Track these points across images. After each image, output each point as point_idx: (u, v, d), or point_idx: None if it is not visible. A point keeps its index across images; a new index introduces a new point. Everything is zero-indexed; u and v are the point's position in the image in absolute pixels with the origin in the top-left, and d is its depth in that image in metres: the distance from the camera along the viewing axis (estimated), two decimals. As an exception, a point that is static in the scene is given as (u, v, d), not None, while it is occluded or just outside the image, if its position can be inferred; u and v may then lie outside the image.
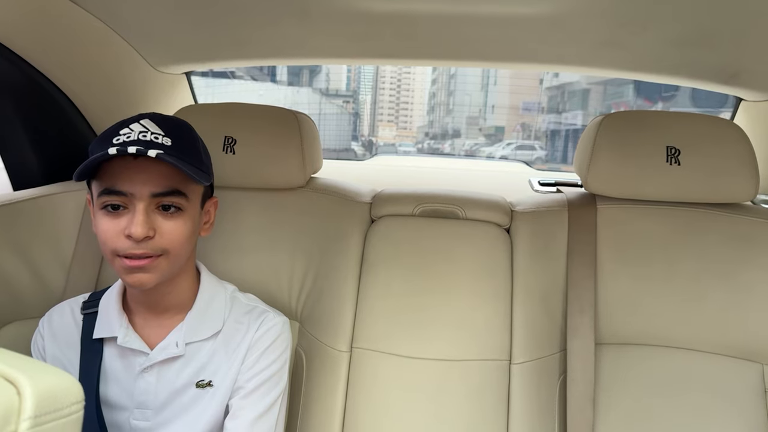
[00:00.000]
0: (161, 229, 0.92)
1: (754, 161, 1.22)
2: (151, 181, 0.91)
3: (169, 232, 0.93)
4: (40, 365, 0.43)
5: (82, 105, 1.46)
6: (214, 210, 1.09)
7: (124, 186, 0.90)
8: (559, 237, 1.27)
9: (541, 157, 16.40)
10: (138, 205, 0.90)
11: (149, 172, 0.91)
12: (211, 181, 1.02)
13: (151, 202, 0.91)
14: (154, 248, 0.92)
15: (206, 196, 1.05)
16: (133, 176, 0.90)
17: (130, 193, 0.90)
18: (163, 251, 0.93)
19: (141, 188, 0.90)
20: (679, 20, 1.18)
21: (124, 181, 0.90)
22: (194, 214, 0.99)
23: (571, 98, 19.72)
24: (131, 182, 0.90)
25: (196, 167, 0.95)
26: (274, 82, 12.12)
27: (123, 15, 1.29)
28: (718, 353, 1.20)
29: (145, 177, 0.91)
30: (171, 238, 0.93)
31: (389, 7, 1.22)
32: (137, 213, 0.90)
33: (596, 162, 1.25)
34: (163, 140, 0.92)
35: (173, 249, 0.94)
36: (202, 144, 1.03)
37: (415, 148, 23.90)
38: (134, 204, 0.90)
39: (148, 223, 0.90)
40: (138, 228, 0.89)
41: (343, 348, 1.21)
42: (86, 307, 1.07)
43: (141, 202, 0.90)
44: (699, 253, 1.22)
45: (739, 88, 1.51)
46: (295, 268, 1.29)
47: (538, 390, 1.19)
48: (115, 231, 0.91)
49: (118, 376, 1.02)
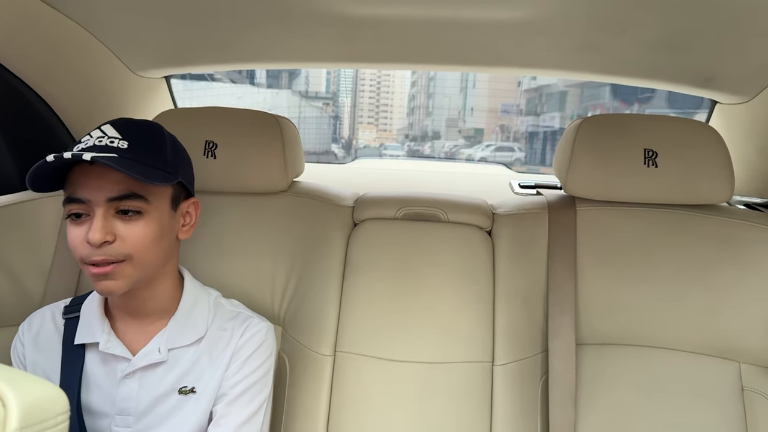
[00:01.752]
0: (121, 233, 0.92)
1: (729, 163, 1.24)
2: (105, 186, 0.90)
3: (129, 236, 0.92)
4: (25, 376, 0.43)
5: (61, 110, 1.45)
6: (195, 211, 1.08)
7: (82, 193, 0.90)
8: (539, 239, 1.28)
9: (520, 159, 16.50)
10: (97, 211, 0.90)
11: (104, 177, 0.90)
12: (177, 180, 0.99)
13: (109, 207, 0.91)
14: (116, 254, 0.91)
15: (179, 197, 1.03)
16: (89, 182, 0.90)
17: (87, 200, 0.90)
18: (126, 256, 0.92)
19: (97, 194, 0.90)
20: (655, 24, 1.20)
21: (81, 188, 0.90)
22: (160, 216, 0.97)
23: (549, 100, 19.87)
24: (88, 188, 0.90)
25: (157, 168, 0.94)
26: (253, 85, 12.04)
27: (102, 19, 1.28)
28: (697, 352, 1.22)
29: (100, 182, 0.90)
30: (132, 242, 0.92)
31: (370, 11, 1.22)
32: (95, 219, 0.90)
33: (575, 165, 1.27)
34: (119, 143, 0.92)
35: (136, 253, 0.93)
36: (171, 144, 1.01)
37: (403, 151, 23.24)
38: (93, 210, 0.90)
39: (105, 228, 0.89)
40: (95, 234, 0.88)
41: (326, 352, 1.21)
42: (68, 311, 1.06)
43: (98, 207, 0.90)
44: (676, 253, 1.24)
45: (714, 91, 1.54)
46: (278, 273, 1.29)
47: (521, 391, 1.20)
48: (79, 238, 0.91)
49: (100, 383, 1.01)
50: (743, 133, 1.55)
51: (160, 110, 1.46)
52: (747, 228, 1.25)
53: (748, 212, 1.32)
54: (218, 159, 1.28)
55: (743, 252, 1.23)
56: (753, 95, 1.43)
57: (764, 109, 1.43)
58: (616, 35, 1.28)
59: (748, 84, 1.40)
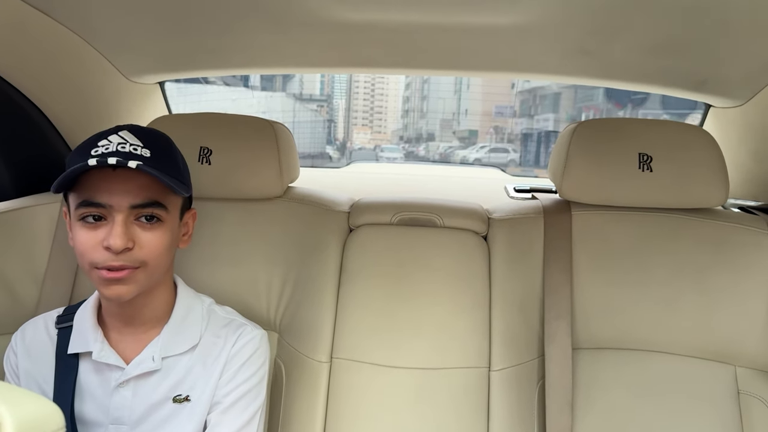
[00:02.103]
0: (140, 240, 0.92)
1: (723, 167, 1.25)
2: (130, 192, 0.90)
3: (147, 243, 0.92)
4: (20, 392, 0.42)
5: (54, 116, 1.44)
6: (193, 222, 1.09)
7: (102, 198, 0.89)
8: (535, 244, 1.29)
9: (514, 160, 16.55)
10: (117, 217, 0.89)
11: (128, 183, 0.90)
12: (191, 192, 1.02)
13: (130, 213, 0.91)
14: (133, 260, 0.91)
15: (185, 207, 1.04)
16: (112, 187, 0.90)
17: (108, 205, 0.90)
18: (142, 263, 0.92)
19: (120, 200, 0.90)
20: (649, 29, 1.20)
21: (102, 193, 0.89)
22: (173, 226, 0.98)
23: (543, 102, 19.94)
24: (110, 194, 0.89)
25: (176, 178, 0.95)
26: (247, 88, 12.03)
27: (95, 25, 1.27)
28: (692, 356, 1.22)
29: (125, 188, 0.90)
30: (149, 249, 0.93)
31: (364, 17, 1.22)
32: (116, 225, 0.89)
33: (570, 169, 1.27)
34: (142, 151, 0.92)
35: (151, 261, 0.93)
36: (180, 156, 1.03)
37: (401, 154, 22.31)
38: (113, 215, 0.90)
39: (127, 235, 0.89)
40: (117, 240, 0.88)
41: (323, 358, 1.21)
42: (61, 321, 1.05)
43: (120, 213, 0.90)
44: (672, 257, 1.25)
45: (708, 95, 1.54)
46: (273, 279, 1.28)
47: (518, 396, 1.20)
48: (93, 243, 0.90)
49: (94, 392, 1.00)
50: (737, 137, 1.55)
51: (154, 116, 1.46)
52: (742, 231, 1.25)
53: (742, 216, 1.32)
54: (213, 165, 1.27)
55: (738, 255, 1.24)
56: (746, 99, 1.43)
57: (758, 113, 1.43)
58: (610, 40, 1.28)
59: (742, 88, 1.41)
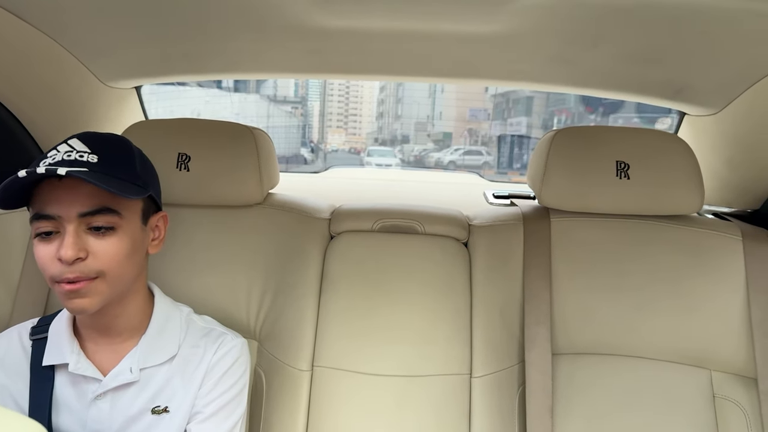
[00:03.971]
0: (94, 250, 0.89)
1: (699, 174, 1.27)
2: (77, 201, 0.88)
3: (103, 252, 0.90)
4: (5, 413, 0.41)
5: (28, 122, 1.41)
6: (164, 225, 1.06)
7: (51, 209, 0.88)
8: (515, 250, 1.30)
9: (488, 162, 16.66)
10: (67, 227, 0.88)
11: (75, 192, 0.88)
12: (149, 193, 0.98)
13: (80, 222, 0.89)
14: (88, 270, 0.89)
15: (149, 211, 1.01)
16: (59, 198, 0.88)
17: (58, 216, 0.88)
18: (99, 273, 0.90)
19: (68, 209, 0.88)
20: (627, 39, 1.22)
21: (51, 204, 0.88)
22: (132, 231, 0.95)
23: (516, 105, 20.18)
24: (58, 204, 0.88)
25: (128, 182, 0.93)
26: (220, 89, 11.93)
27: (70, 29, 1.25)
28: (669, 360, 1.24)
29: (71, 197, 0.88)
30: (106, 258, 0.90)
31: (344, 23, 1.22)
32: (66, 235, 0.87)
33: (549, 177, 1.28)
34: (89, 158, 0.90)
35: (110, 270, 0.91)
36: (140, 157, 1.00)
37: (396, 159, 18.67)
38: (63, 226, 0.88)
39: (77, 245, 0.87)
40: (67, 250, 0.86)
41: (303, 367, 1.20)
42: (35, 332, 1.03)
43: (70, 223, 0.88)
44: (648, 263, 1.27)
45: (684, 103, 1.57)
46: (253, 287, 1.27)
47: (499, 402, 1.21)
48: (49, 256, 0.88)
49: (70, 405, 0.98)
50: (711, 145, 1.58)
51: (130, 121, 1.44)
52: (716, 237, 1.28)
53: (717, 222, 1.35)
54: (191, 172, 1.26)
55: (713, 261, 1.26)
56: (721, 107, 1.46)
57: (731, 122, 1.46)
58: (588, 49, 1.30)
59: (717, 97, 1.43)
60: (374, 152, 18.86)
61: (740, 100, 1.38)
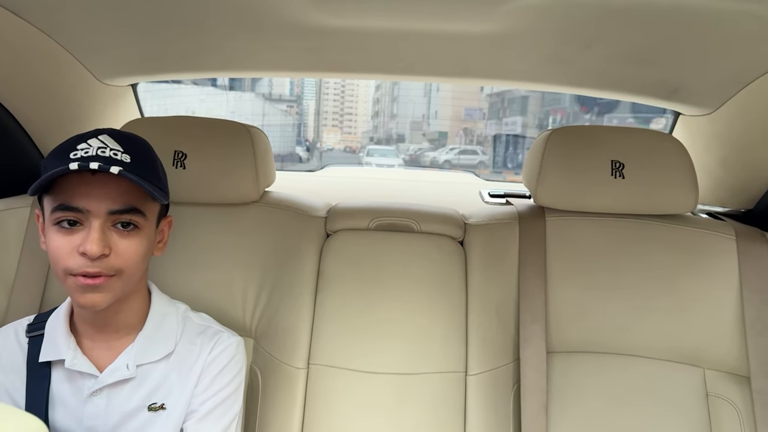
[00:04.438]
0: (117, 247, 0.90)
1: (693, 174, 1.28)
2: (109, 197, 0.89)
3: (124, 251, 0.91)
4: (7, 410, 0.42)
5: (24, 119, 1.40)
6: (168, 229, 1.08)
7: (80, 202, 0.88)
8: (510, 249, 1.30)
9: (483, 162, 16.69)
10: (94, 222, 0.88)
11: (108, 188, 0.89)
12: (169, 200, 1.00)
13: (107, 219, 0.89)
14: (109, 267, 0.89)
15: (162, 215, 1.03)
16: (90, 192, 0.88)
17: (86, 210, 0.88)
18: (117, 271, 0.90)
19: (98, 205, 0.88)
20: (622, 40, 1.23)
21: (80, 197, 0.88)
22: (150, 233, 0.97)
23: (511, 105, 20.21)
24: (88, 198, 0.88)
25: (155, 185, 0.94)
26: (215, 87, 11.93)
27: (67, 26, 1.25)
28: (663, 359, 1.25)
29: (103, 193, 0.88)
30: (126, 257, 0.91)
31: (341, 22, 1.22)
32: (93, 230, 0.87)
33: (545, 176, 1.29)
34: (122, 156, 0.90)
35: (128, 268, 0.92)
36: (159, 162, 1.01)
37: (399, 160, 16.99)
38: (90, 221, 0.88)
39: (103, 241, 0.88)
40: (94, 246, 0.86)
41: (299, 365, 1.20)
42: (31, 329, 1.03)
43: (97, 219, 0.88)
44: (643, 263, 1.27)
45: (679, 103, 1.58)
46: (249, 284, 1.27)
47: (494, 400, 1.21)
48: (69, 248, 0.88)
49: (66, 401, 0.98)
50: (705, 144, 1.59)
51: (126, 119, 1.44)
52: (710, 237, 1.29)
53: (711, 222, 1.36)
54: (188, 169, 1.26)
55: (707, 260, 1.27)
56: (715, 108, 1.47)
57: (726, 122, 1.47)
58: (583, 49, 1.30)
59: (711, 97, 1.44)
60: (374, 152, 17.19)
61: (734, 100, 1.39)
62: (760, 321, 1.22)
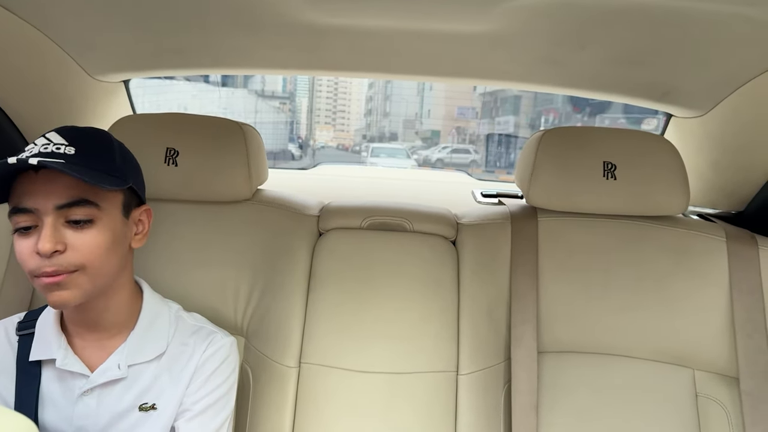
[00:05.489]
0: (72, 242, 0.88)
1: (684, 176, 1.28)
2: (54, 193, 0.87)
3: (81, 245, 0.89)
4: None
5: (16, 115, 1.39)
6: (148, 219, 1.04)
7: (28, 202, 0.87)
8: (502, 249, 1.30)
9: (476, 161, 16.72)
10: (45, 220, 0.87)
11: (52, 184, 0.87)
12: (128, 185, 0.96)
13: (58, 215, 0.88)
14: (67, 264, 0.87)
15: (131, 204, 1.00)
16: (36, 190, 0.87)
17: (35, 209, 0.87)
18: (78, 266, 0.89)
19: (44, 202, 0.87)
20: (614, 41, 1.23)
21: (28, 197, 0.87)
22: (113, 224, 0.94)
23: (504, 104, 20.27)
24: (35, 197, 0.87)
25: (105, 173, 0.91)
26: (208, 83, 11.88)
27: (59, 22, 1.24)
28: (653, 359, 1.25)
29: (48, 189, 0.87)
30: (85, 251, 0.89)
31: (336, 21, 1.22)
32: (44, 227, 0.86)
33: (537, 176, 1.29)
34: (66, 149, 0.89)
35: (90, 263, 0.90)
36: (120, 150, 0.98)
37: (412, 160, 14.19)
38: (41, 219, 0.87)
39: (55, 237, 0.86)
40: (44, 243, 0.85)
41: (291, 363, 1.20)
42: (22, 327, 1.02)
43: (47, 216, 0.87)
44: (634, 264, 1.28)
45: (670, 105, 1.59)
46: (241, 283, 1.27)
47: (485, 399, 1.21)
48: (29, 251, 0.87)
49: (56, 400, 0.97)
50: (697, 146, 1.60)
51: (118, 115, 1.43)
52: (701, 239, 1.29)
53: (702, 223, 1.36)
54: (180, 166, 1.25)
55: (697, 262, 1.28)
56: (707, 110, 1.48)
57: (717, 124, 1.48)
58: (576, 50, 1.31)
59: (703, 99, 1.45)
60: (380, 151, 14.25)
61: (726, 102, 1.40)
62: (750, 323, 1.23)
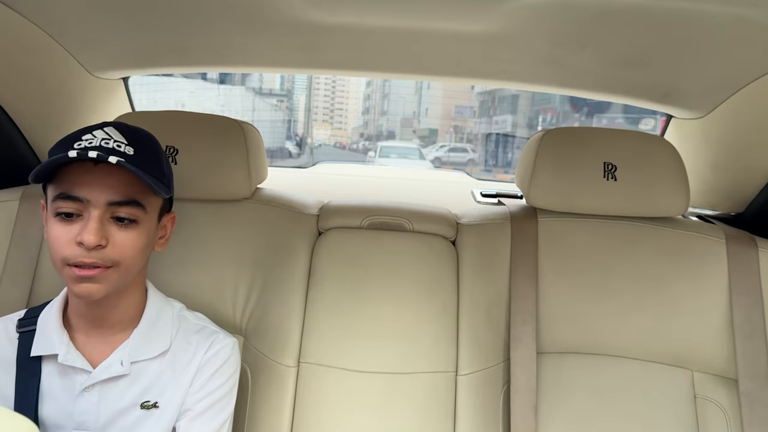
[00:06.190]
0: (114, 239, 0.90)
1: (684, 177, 1.29)
2: (109, 188, 0.89)
3: (121, 243, 0.91)
4: None
5: (14, 111, 1.38)
6: (171, 225, 1.07)
7: (81, 192, 0.88)
8: (502, 249, 1.30)
9: (473, 159, 16.71)
10: (93, 212, 0.88)
11: (108, 179, 0.89)
12: (171, 194, 1.00)
13: (106, 210, 0.89)
14: (105, 259, 0.89)
15: (164, 210, 1.02)
16: (91, 182, 0.88)
17: (86, 200, 0.88)
18: (114, 263, 0.90)
19: (98, 195, 0.88)
20: (615, 42, 1.24)
21: (81, 187, 0.88)
22: (150, 227, 0.97)
23: (501, 103, 20.28)
24: (89, 188, 0.88)
25: (158, 179, 0.94)
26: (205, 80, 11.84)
27: (59, 19, 1.23)
28: (652, 361, 1.26)
29: (104, 184, 0.88)
30: (123, 249, 0.91)
31: (335, 20, 1.22)
32: (91, 220, 0.87)
33: (537, 177, 1.29)
34: (126, 149, 0.90)
35: (124, 261, 0.92)
36: (165, 157, 1.01)
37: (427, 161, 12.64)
38: (89, 211, 0.88)
39: (101, 232, 0.88)
40: (90, 236, 0.86)
41: (290, 363, 1.20)
42: (22, 324, 1.02)
43: (96, 209, 0.88)
44: (633, 265, 1.28)
45: (671, 106, 1.59)
46: (240, 282, 1.27)
47: (484, 400, 1.21)
48: (67, 238, 0.88)
49: (56, 396, 0.97)
50: (697, 148, 1.60)
51: (117, 113, 1.43)
52: (700, 240, 1.29)
53: (701, 224, 1.36)
54: (179, 165, 1.25)
55: (697, 263, 1.28)
56: (707, 111, 1.48)
57: (717, 125, 1.48)
58: (576, 51, 1.31)
59: (703, 100, 1.45)
60: (390, 151, 12.44)
61: (726, 104, 1.40)
62: (749, 324, 1.23)
